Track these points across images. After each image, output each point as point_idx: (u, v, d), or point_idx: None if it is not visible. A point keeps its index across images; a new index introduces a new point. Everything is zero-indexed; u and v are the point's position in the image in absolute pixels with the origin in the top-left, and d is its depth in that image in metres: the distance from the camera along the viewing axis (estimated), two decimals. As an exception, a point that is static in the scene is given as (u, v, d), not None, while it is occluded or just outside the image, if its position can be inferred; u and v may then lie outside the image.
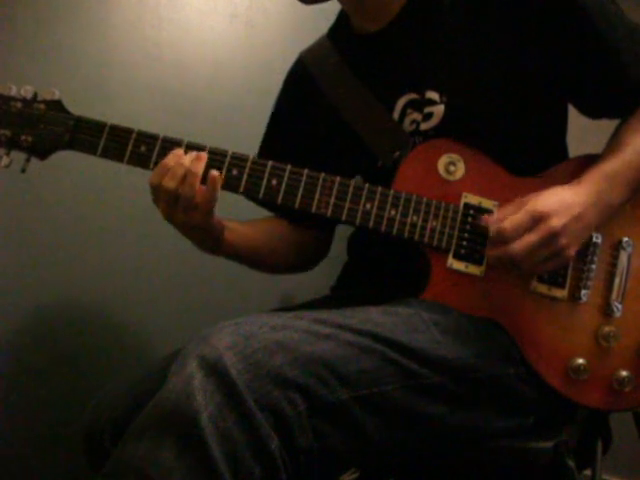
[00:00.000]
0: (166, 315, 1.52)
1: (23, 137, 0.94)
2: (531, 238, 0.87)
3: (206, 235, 0.99)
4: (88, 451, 0.97)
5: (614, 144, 0.98)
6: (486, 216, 0.93)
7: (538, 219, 0.88)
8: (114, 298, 1.47)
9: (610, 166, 0.94)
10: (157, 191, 0.93)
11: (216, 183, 0.92)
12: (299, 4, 1.13)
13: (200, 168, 0.92)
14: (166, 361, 0.93)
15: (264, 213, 1.20)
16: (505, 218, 0.89)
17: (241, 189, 0.94)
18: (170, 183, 0.91)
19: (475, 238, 0.95)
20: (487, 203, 0.96)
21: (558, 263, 0.91)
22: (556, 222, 0.88)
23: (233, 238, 1.06)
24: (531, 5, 0.96)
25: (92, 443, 0.96)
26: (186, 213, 0.93)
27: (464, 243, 0.95)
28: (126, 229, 1.46)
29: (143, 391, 0.89)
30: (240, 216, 1.14)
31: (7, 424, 1.33)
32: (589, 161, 0.98)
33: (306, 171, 0.94)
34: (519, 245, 0.87)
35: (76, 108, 0.97)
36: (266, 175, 0.94)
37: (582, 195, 0.91)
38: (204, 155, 0.93)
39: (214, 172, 0.92)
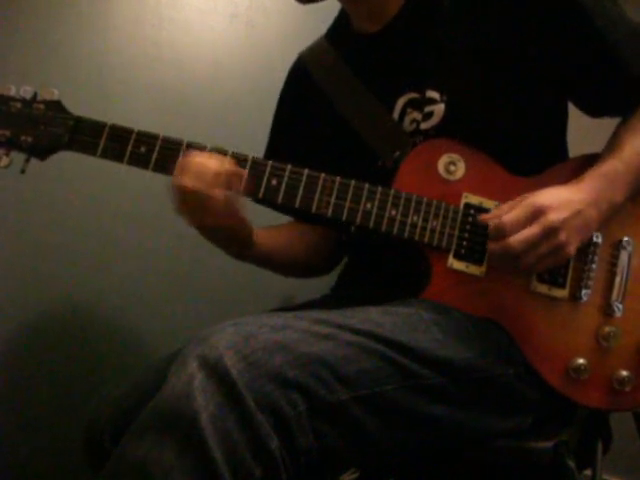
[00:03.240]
0: (166, 315, 1.52)
1: (23, 137, 0.94)
2: (530, 231, 0.87)
3: (234, 238, 0.98)
4: (88, 451, 0.97)
5: (613, 144, 0.98)
6: (485, 214, 0.94)
7: (537, 213, 0.88)
8: (114, 298, 1.47)
9: (609, 166, 0.94)
10: (178, 194, 0.90)
11: (239, 179, 0.92)
12: (299, 4, 1.13)
13: (218, 165, 0.90)
14: (166, 361, 0.93)
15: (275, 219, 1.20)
16: (504, 214, 0.89)
17: (241, 188, 0.94)
18: (188, 182, 0.88)
19: (476, 238, 0.94)
20: (488, 203, 0.96)
21: (557, 260, 0.91)
22: (555, 217, 0.88)
23: (263, 240, 1.05)
24: (531, 4, 0.96)
25: (92, 443, 0.96)
26: (213, 214, 0.90)
27: (464, 243, 0.95)
28: (126, 229, 1.46)
29: (143, 391, 0.89)
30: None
31: (7, 424, 1.33)
32: (589, 161, 0.97)
33: (306, 171, 0.94)
34: (518, 238, 0.87)
35: (76, 108, 0.96)
36: (266, 175, 0.94)
37: (581, 193, 0.91)
38: (245, 173, 0.92)
39: (240, 169, 0.92)
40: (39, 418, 1.37)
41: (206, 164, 0.90)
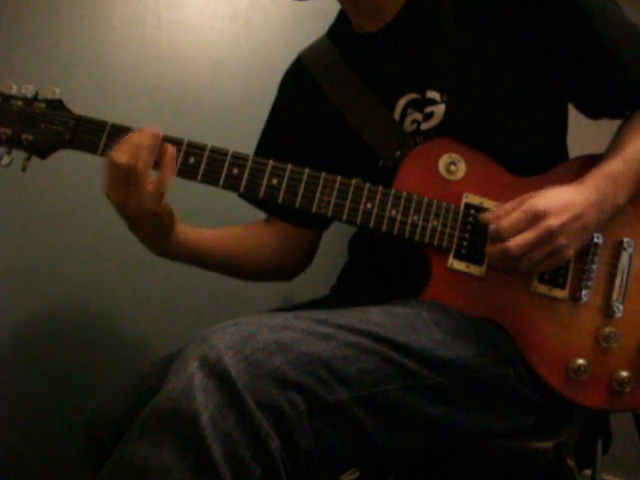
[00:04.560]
0: (166, 315, 1.52)
1: (24, 136, 0.93)
2: (528, 236, 0.87)
3: (157, 227, 0.95)
4: (88, 451, 0.97)
5: (616, 144, 0.98)
6: (486, 214, 0.93)
7: (536, 217, 0.88)
8: (114, 298, 1.46)
9: (612, 166, 0.94)
10: (109, 169, 0.89)
11: (172, 159, 0.90)
12: (299, 3, 1.13)
13: (154, 142, 0.89)
14: (166, 361, 0.93)
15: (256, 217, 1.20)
16: (504, 216, 0.89)
17: (242, 188, 0.94)
18: (122, 157, 0.88)
19: (476, 238, 0.94)
20: (488, 203, 0.96)
21: (556, 262, 0.91)
22: (554, 221, 0.87)
23: (192, 239, 1.02)
24: (531, 5, 0.96)
25: (92, 443, 0.96)
26: (138, 195, 0.89)
27: (465, 243, 0.95)
28: (125, 229, 1.46)
29: (143, 391, 0.89)
30: (235, 220, 1.15)
31: (7, 425, 1.33)
32: (591, 161, 0.97)
33: (307, 170, 0.94)
34: (516, 242, 0.87)
35: (76, 108, 0.96)
36: (267, 174, 0.94)
37: (583, 194, 0.91)
38: (159, 132, 0.91)
39: (169, 146, 0.90)
40: (39, 417, 1.37)
41: (138, 141, 0.89)
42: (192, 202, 1.04)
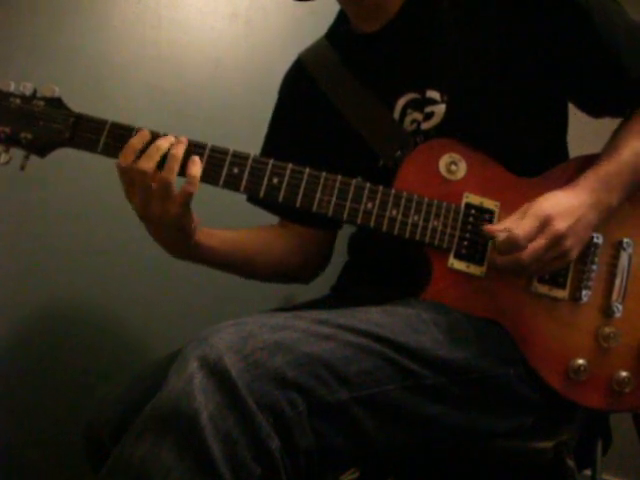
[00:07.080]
0: (166, 315, 1.52)
1: (23, 134, 0.92)
2: (539, 242, 0.88)
3: (180, 233, 0.95)
4: (89, 451, 0.97)
5: (612, 146, 0.98)
6: (490, 226, 0.93)
7: (544, 223, 0.88)
8: (114, 298, 1.46)
9: (607, 168, 0.95)
10: (129, 176, 0.89)
11: (197, 168, 0.90)
12: (299, 3, 1.13)
13: (181, 151, 0.89)
14: (166, 361, 0.93)
15: (265, 220, 1.20)
16: (516, 226, 0.89)
17: (242, 188, 0.94)
18: (147, 165, 0.88)
19: (476, 238, 0.94)
20: (488, 203, 0.96)
21: (561, 264, 0.92)
22: (561, 225, 0.88)
23: (210, 241, 1.02)
24: (531, 4, 0.96)
25: (92, 443, 0.96)
26: (163, 204, 0.89)
27: (465, 243, 0.95)
28: (126, 228, 1.45)
29: (143, 391, 0.89)
30: (241, 222, 1.15)
31: (8, 425, 1.33)
32: (589, 162, 0.98)
33: (307, 170, 0.94)
34: (529, 250, 0.88)
35: (75, 107, 0.96)
36: (267, 174, 0.93)
37: (580, 197, 0.92)
38: (185, 139, 0.91)
39: (195, 157, 0.90)
40: (39, 417, 1.37)
41: (164, 149, 0.89)
42: (200, 207, 1.03)
